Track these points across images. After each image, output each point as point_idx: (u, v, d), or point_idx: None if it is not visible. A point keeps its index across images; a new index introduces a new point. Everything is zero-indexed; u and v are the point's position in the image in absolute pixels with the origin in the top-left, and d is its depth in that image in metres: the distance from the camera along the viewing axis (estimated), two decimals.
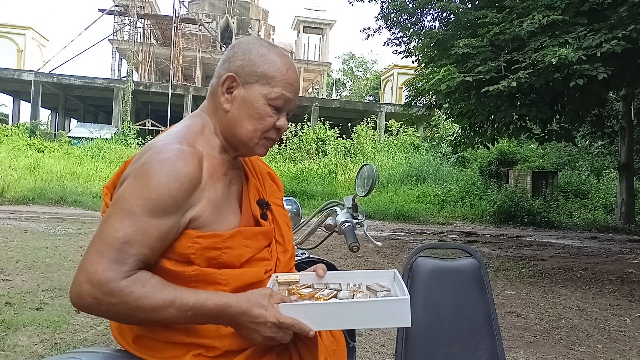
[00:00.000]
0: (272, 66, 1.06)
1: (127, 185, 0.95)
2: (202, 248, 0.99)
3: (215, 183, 1.03)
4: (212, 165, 1.03)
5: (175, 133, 1.04)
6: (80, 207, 11.05)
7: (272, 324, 0.94)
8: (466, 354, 1.47)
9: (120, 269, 0.89)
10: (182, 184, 0.94)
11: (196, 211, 0.98)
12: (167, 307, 0.91)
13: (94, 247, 0.91)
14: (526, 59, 6.07)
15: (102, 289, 0.87)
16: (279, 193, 1.26)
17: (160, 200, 0.92)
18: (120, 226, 0.90)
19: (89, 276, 0.88)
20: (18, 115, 27.41)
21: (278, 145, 20.37)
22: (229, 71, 1.07)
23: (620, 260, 7.30)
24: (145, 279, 0.92)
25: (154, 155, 0.96)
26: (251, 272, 1.06)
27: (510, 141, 14.74)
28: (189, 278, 0.99)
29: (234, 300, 0.95)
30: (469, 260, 1.57)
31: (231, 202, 1.09)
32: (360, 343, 3.26)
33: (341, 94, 47.25)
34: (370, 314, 0.97)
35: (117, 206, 0.93)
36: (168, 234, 0.95)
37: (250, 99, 1.05)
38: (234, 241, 1.03)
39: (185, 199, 0.95)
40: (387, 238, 8.74)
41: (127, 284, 0.89)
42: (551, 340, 3.60)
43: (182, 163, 0.95)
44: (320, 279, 1.13)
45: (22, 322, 3.28)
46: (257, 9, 32.81)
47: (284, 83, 1.06)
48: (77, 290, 0.89)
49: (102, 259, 0.89)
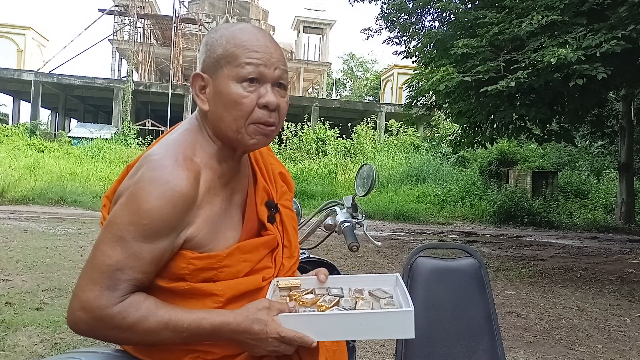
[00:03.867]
0: (229, 42, 0.97)
1: (119, 209, 0.92)
2: (196, 269, 0.96)
3: (213, 199, 0.99)
4: (210, 178, 0.98)
5: (172, 143, 0.99)
6: (80, 207, 11.04)
7: (275, 338, 0.92)
8: (466, 354, 1.47)
9: (113, 295, 0.88)
10: (176, 205, 0.90)
11: (191, 231, 0.95)
12: (161, 330, 0.90)
13: (86, 274, 0.90)
14: (525, 59, 6.07)
15: (95, 315, 0.88)
16: (289, 194, 1.22)
17: (152, 224, 0.89)
18: (112, 253, 0.89)
19: (82, 304, 0.88)
20: (18, 115, 27.43)
21: (278, 145, 20.37)
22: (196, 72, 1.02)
23: (620, 260, 7.30)
24: (138, 303, 0.90)
25: (147, 173, 0.91)
26: (248, 281, 1.03)
27: (510, 141, 14.73)
28: (184, 292, 0.97)
29: (231, 318, 0.93)
30: (469, 260, 1.57)
31: (232, 215, 1.05)
32: (361, 343, 3.25)
33: (341, 94, 47.24)
34: (374, 326, 0.95)
35: (109, 231, 0.91)
36: (162, 256, 0.93)
37: (220, 88, 0.97)
38: (232, 259, 1.00)
39: (179, 220, 0.92)
40: (387, 238, 8.74)
41: (119, 310, 0.88)
42: (551, 340, 3.60)
43: (176, 182, 0.90)
44: (322, 284, 1.11)
45: (22, 322, 3.28)
46: (257, 9, 32.81)
47: (247, 51, 0.96)
48: (72, 317, 0.90)
49: (95, 286, 0.88)
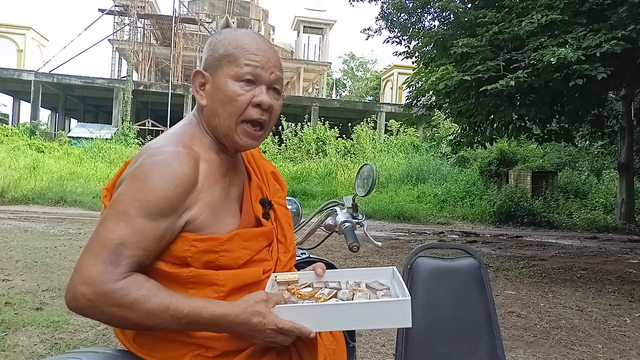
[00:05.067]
0: (231, 44, 1.04)
1: (122, 188, 0.95)
2: (198, 251, 0.98)
3: (213, 185, 1.02)
4: (209, 167, 1.02)
5: (172, 134, 1.04)
6: (80, 207, 11.05)
7: (272, 330, 0.94)
8: (466, 354, 1.47)
9: (115, 270, 0.89)
10: (177, 185, 0.93)
11: (192, 213, 0.98)
12: (161, 313, 0.91)
13: (89, 249, 0.91)
14: (525, 59, 6.07)
15: (96, 290, 0.87)
16: (282, 193, 1.26)
17: (156, 202, 0.92)
18: (115, 228, 0.91)
19: (84, 278, 0.88)
20: (18, 115, 27.41)
21: (278, 145, 20.36)
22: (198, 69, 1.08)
23: (620, 260, 7.30)
24: (141, 282, 0.91)
25: (149, 158, 0.96)
26: (249, 273, 1.05)
27: (510, 141, 14.74)
28: (186, 280, 0.98)
29: (230, 310, 0.94)
30: (469, 260, 1.57)
31: (230, 204, 1.08)
32: (360, 343, 3.26)
33: (341, 94, 47.22)
34: (372, 315, 0.96)
35: (113, 208, 0.93)
36: (163, 236, 0.94)
37: (218, 85, 1.03)
38: (232, 244, 1.02)
39: (180, 201, 0.95)
40: (387, 238, 8.74)
41: (121, 286, 0.89)
42: (551, 340, 3.60)
43: (177, 165, 0.94)
44: (319, 278, 1.13)
45: (22, 322, 3.28)
46: (257, 9, 32.80)
47: (246, 54, 1.03)
48: (72, 292, 0.89)
49: (97, 260, 0.89)
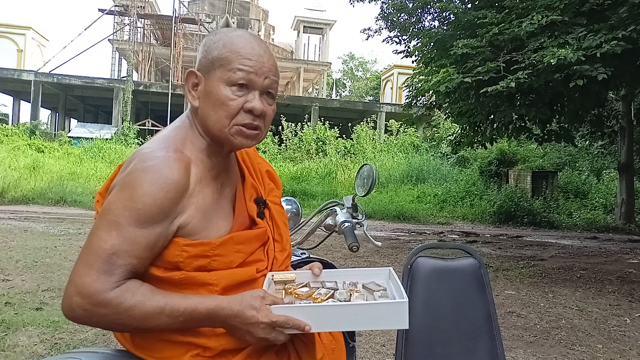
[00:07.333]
0: (225, 47, 1.02)
1: (113, 196, 0.95)
2: (190, 256, 0.98)
3: (204, 189, 1.02)
4: (201, 170, 1.02)
5: (163, 138, 1.03)
6: (80, 207, 11.04)
7: (265, 324, 0.94)
8: (466, 354, 1.47)
9: (109, 279, 0.89)
10: (168, 191, 0.93)
11: (184, 218, 0.97)
12: (158, 315, 0.91)
13: (82, 259, 0.91)
14: (525, 60, 6.06)
15: (92, 300, 0.88)
16: (277, 191, 1.26)
17: (146, 210, 0.92)
18: (107, 237, 0.91)
19: (78, 288, 0.88)
20: (18, 115, 27.40)
21: (278, 145, 20.36)
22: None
23: (620, 260, 7.30)
24: (135, 288, 0.92)
25: (140, 164, 0.95)
26: (242, 272, 1.05)
27: (510, 141, 14.73)
28: (179, 282, 0.99)
29: (226, 302, 0.95)
30: (469, 260, 1.57)
31: (223, 207, 1.07)
32: (360, 343, 3.26)
33: (341, 94, 47.22)
34: (369, 317, 0.97)
35: (104, 217, 0.93)
36: (156, 242, 0.94)
37: (211, 88, 1.02)
38: (225, 248, 1.02)
39: (172, 207, 0.95)
40: (387, 238, 8.74)
41: (116, 295, 0.89)
42: (551, 340, 3.60)
43: (167, 170, 0.94)
44: (316, 278, 1.13)
45: (22, 322, 3.28)
46: (257, 9, 32.79)
47: (240, 58, 1.01)
48: (68, 303, 0.89)
49: (91, 270, 0.89)
